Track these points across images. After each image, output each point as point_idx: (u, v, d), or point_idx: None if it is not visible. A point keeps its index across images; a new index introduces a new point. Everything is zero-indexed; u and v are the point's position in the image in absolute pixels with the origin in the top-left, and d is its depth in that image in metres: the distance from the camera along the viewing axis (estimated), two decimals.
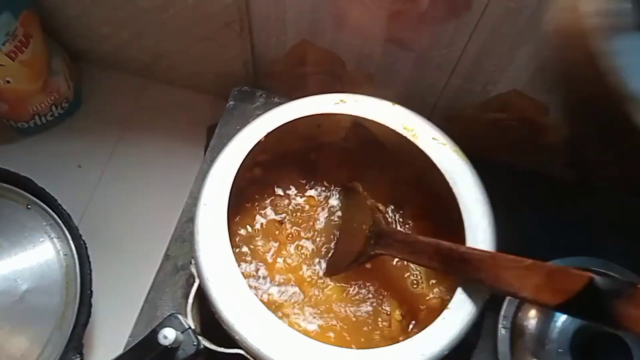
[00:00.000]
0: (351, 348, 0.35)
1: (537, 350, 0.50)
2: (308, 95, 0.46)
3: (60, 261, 0.54)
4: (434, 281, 0.47)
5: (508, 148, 0.62)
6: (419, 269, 0.48)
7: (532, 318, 0.51)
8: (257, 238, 0.47)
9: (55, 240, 0.55)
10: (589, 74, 0.30)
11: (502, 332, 0.50)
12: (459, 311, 0.37)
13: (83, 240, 0.55)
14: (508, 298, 0.52)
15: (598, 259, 0.50)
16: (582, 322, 0.50)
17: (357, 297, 0.46)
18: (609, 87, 0.29)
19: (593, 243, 0.52)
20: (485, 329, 0.50)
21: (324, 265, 0.48)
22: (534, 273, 0.32)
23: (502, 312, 0.51)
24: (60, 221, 0.55)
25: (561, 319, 0.51)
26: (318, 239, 0.49)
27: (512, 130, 0.60)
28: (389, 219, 0.50)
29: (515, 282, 0.33)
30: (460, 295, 0.38)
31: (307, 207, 0.50)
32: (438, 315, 0.37)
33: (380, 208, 0.49)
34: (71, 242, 0.55)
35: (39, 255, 0.54)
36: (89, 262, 0.54)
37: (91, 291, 0.53)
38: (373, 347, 0.39)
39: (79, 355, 0.51)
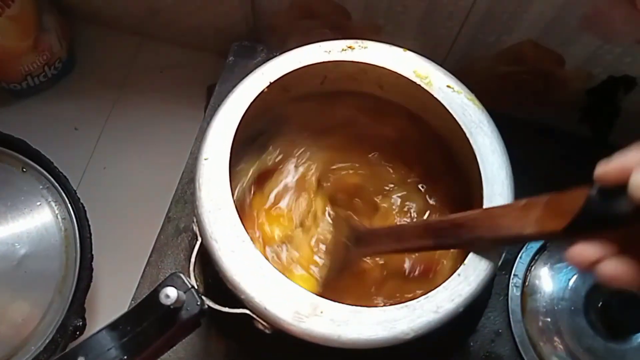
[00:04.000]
0: (362, 306, 0.34)
1: (549, 309, 0.49)
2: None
3: (59, 225, 0.53)
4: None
5: (522, 102, 0.60)
6: None
7: (543, 276, 0.50)
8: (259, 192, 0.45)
9: (53, 203, 0.54)
10: None
11: (514, 290, 0.50)
12: (475, 267, 0.35)
13: (82, 204, 0.54)
14: (519, 257, 0.51)
15: None
16: (595, 281, 0.49)
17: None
18: None
19: None
20: (497, 287, 0.50)
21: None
22: (531, 209, 0.30)
23: (513, 271, 0.50)
24: (57, 184, 0.54)
25: (574, 277, 0.50)
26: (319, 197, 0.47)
27: (527, 84, 0.58)
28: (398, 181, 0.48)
29: (515, 224, 0.32)
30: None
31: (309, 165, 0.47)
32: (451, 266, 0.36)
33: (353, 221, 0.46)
34: (69, 205, 0.54)
35: (37, 219, 0.53)
36: (89, 226, 0.53)
37: (92, 255, 0.52)
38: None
39: (81, 320, 0.50)
